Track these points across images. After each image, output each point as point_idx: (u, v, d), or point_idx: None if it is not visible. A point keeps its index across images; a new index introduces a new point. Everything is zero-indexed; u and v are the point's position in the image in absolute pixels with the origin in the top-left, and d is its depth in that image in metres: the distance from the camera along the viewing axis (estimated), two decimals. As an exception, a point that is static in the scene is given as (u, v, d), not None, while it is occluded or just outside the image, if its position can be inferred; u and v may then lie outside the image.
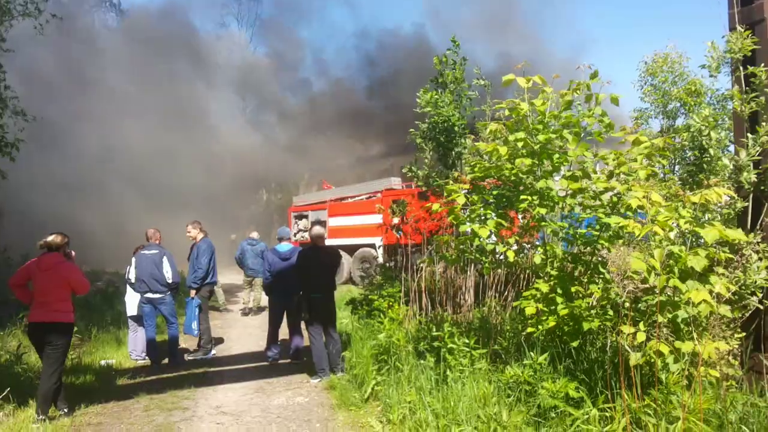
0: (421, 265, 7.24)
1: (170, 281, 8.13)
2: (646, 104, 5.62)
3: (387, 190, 17.98)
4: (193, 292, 8.86)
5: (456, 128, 8.10)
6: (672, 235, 3.51)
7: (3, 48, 9.51)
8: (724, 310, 3.49)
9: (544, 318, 4.46)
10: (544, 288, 4.56)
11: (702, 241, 3.64)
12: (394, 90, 31.54)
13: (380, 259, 16.09)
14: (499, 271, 6.84)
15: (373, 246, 17.40)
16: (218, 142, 33.23)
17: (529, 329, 4.62)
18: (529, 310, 4.51)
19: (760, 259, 3.84)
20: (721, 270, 3.74)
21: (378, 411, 5.51)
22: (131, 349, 8.85)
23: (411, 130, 9.02)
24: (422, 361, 5.55)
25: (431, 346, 5.61)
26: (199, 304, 8.85)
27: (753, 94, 4.09)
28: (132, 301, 8.71)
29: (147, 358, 8.46)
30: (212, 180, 32.80)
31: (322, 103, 36.97)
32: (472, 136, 7.95)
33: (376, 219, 16.58)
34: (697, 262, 3.32)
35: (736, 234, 3.41)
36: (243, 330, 11.28)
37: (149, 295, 8.08)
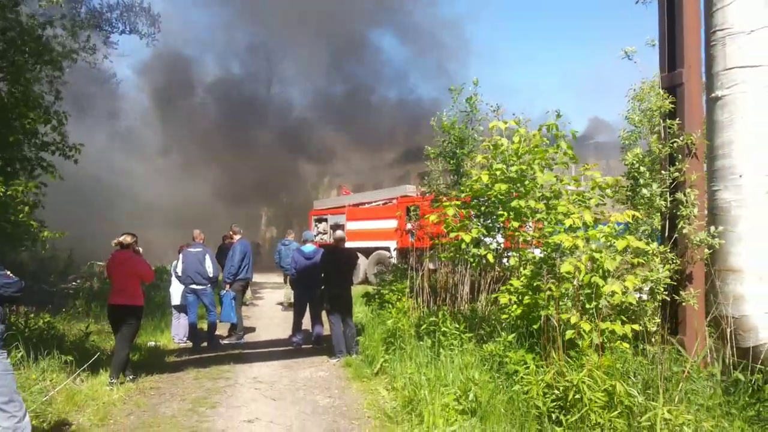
0: (425, 264, 8.56)
1: (211, 275, 9.51)
2: (632, 126, 6.60)
3: (402, 197, 19.14)
4: (227, 286, 10.23)
5: (463, 151, 9.39)
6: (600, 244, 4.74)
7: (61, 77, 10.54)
8: (632, 298, 4.70)
9: (515, 307, 5.72)
10: (516, 284, 5.82)
11: (629, 249, 4.88)
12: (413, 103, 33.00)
13: (394, 261, 17.32)
14: (492, 273, 8.10)
15: (387, 249, 18.60)
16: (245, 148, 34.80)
17: (503, 316, 5.90)
18: (503, 300, 5.77)
19: (662, 263, 5.05)
20: (638, 271, 4.96)
21: (385, 381, 6.81)
22: (174, 333, 10.26)
23: (427, 146, 10.30)
24: (421, 343, 6.83)
25: (429, 331, 6.89)
26: (234, 296, 10.24)
27: (671, 140, 5.33)
28: (176, 292, 10.13)
29: (188, 341, 9.86)
30: (237, 184, 34.47)
31: (342, 110, 38.39)
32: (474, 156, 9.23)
33: (392, 223, 17.93)
34: (610, 264, 4.55)
35: (639, 244, 4.65)
36: (269, 321, 12.64)
37: (193, 286, 9.45)
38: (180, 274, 9.57)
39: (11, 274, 3.92)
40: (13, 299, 4.03)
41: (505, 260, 7.39)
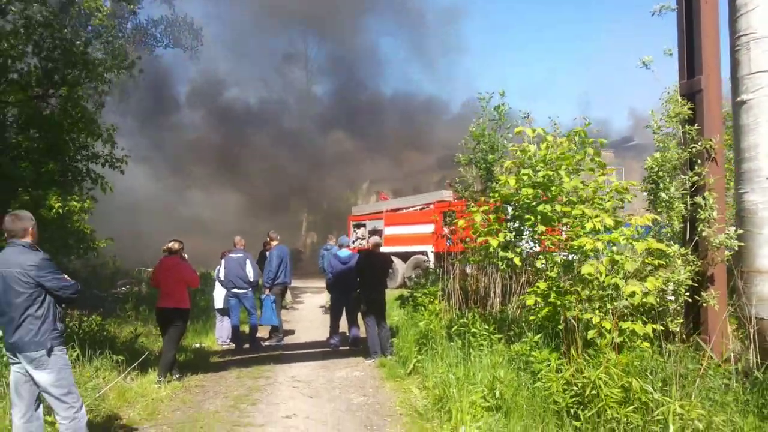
0: (457, 267, 8.78)
1: (252, 279, 9.93)
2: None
3: (439, 201, 19.30)
4: (267, 290, 10.64)
5: (493, 156, 9.60)
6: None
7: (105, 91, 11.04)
8: (651, 299, 4.83)
9: (541, 308, 5.89)
10: (543, 286, 5.99)
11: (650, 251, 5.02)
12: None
13: (431, 265, 17.52)
14: (523, 277, 8.27)
15: (424, 253, 18.82)
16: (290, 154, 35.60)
17: (531, 317, 6.08)
18: (529, 301, 5.95)
19: (683, 265, 5.15)
20: (660, 272, 5.09)
21: (417, 381, 7.05)
22: (218, 335, 10.72)
23: (457, 154, 10.53)
24: (452, 343, 7.05)
25: (459, 332, 7.11)
26: (274, 300, 10.64)
27: (690, 146, 5.44)
28: (219, 296, 10.59)
29: (231, 342, 10.30)
30: (278, 191, 35.28)
31: (382, 120, 38.87)
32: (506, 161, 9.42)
33: (429, 228, 18.14)
34: (630, 266, 4.70)
35: (660, 246, 4.78)
36: (309, 324, 13.01)
37: (235, 290, 9.88)
38: (222, 278, 10.01)
39: (68, 278, 4.33)
40: (71, 300, 4.44)
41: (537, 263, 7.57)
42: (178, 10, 34.66)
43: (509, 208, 7.13)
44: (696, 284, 5.35)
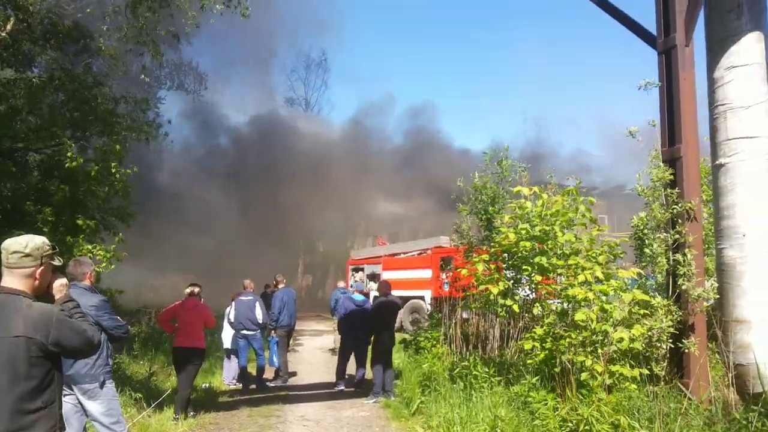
0: (458, 313, 9.30)
1: (260, 321, 10.38)
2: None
3: (436, 247, 19.82)
4: (272, 332, 11.08)
5: (494, 208, 10.21)
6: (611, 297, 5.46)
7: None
8: (638, 344, 5.34)
9: (539, 352, 6.40)
10: (540, 332, 6.50)
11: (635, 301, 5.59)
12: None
13: (429, 310, 17.92)
14: (520, 323, 8.77)
15: (422, 298, 19.22)
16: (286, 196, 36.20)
17: (528, 361, 6.58)
18: (527, 346, 6.47)
19: (666, 315, 5.70)
20: (646, 321, 5.62)
21: (422, 421, 7.46)
22: (225, 375, 11.09)
23: (459, 205, 11.14)
24: (454, 385, 7.50)
25: (461, 374, 7.57)
26: (277, 341, 11.09)
27: (671, 207, 6.08)
28: (227, 337, 11.00)
29: (238, 383, 10.67)
30: (273, 233, 35.75)
31: (378, 164, 39.71)
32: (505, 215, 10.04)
33: (426, 273, 18.64)
34: (618, 314, 5.25)
35: (644, 296, 5.34)
36: (310, 366, 13.37)
37: (244, 331, 10.32)
38: (233, 320, 10.45)
39: (120, 319, 4.84)
40: (121, 339, 4.93)
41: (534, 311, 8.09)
42: (185, 54, 35.73)
43: (506, 257, 7.72)
44: (678, 332, 5.90)
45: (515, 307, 6.93)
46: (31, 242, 2.77)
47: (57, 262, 2.90)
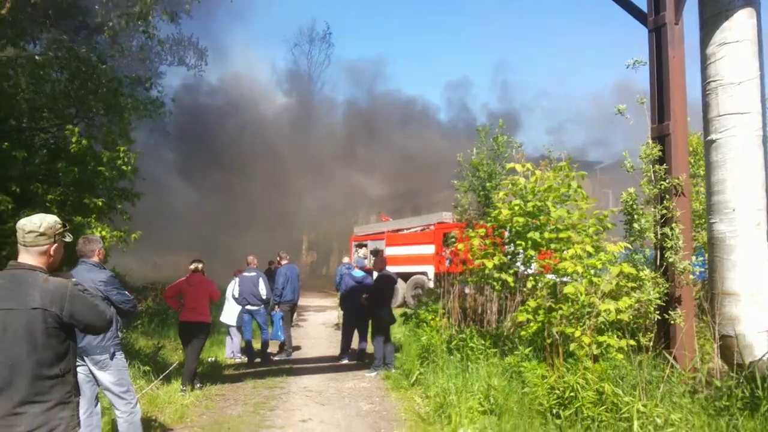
0: (456, 287, 9.53)
1: (264, 297, 10.62)
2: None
3: (439, 223, 20.02)
4: (276, 307, 11.33)
5: (491, 184, 10.39)
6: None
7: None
8: (624, 316, 5.55)
9: (532, 324, 6.62)
10: (533, 304, 6.71)
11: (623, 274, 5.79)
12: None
13: (431, 285, 18.18)
14: (517, 297, 9.00)
15: (425, 273, 19.48)
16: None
17: (522, 332, 6.81)
18: (521, 318, 6.69)
19: (653, 287, 5.89)
20: (634, 293, 5.83)
21: (420, 391, 7.73)
22: (228, 349, 11.38)
23: (455, 182, 11.32)
24: (452, 357, 7.75)
25: (458, 346, 7.81)
26: (282, 316, 11.35)
27: (659, 183, 6.24)
28: (229, 313, 11.24)
29: (242, 356, 10.96)
30: (277, 209, 36.00)
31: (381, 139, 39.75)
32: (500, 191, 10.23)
33: (429, 249, 18.85)
34: (606, 287, 5.45)
35: (631, 270, 5.54)
36: (314, 341, 13.68)
37: (249, 307, 10.58)
38: (237, 296, 10.71)
39: (128, 293, 5.06)
40: (130, 313, 5.16)
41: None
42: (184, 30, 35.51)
43: (506, 233, 7.91)
44: (665, 304, 6.10)
45: (510, 281, 7.14)
46: (45, 221, 2.97)
47: (68, 238, 3.10)
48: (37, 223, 2.94)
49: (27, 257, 2.92)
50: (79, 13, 12.47)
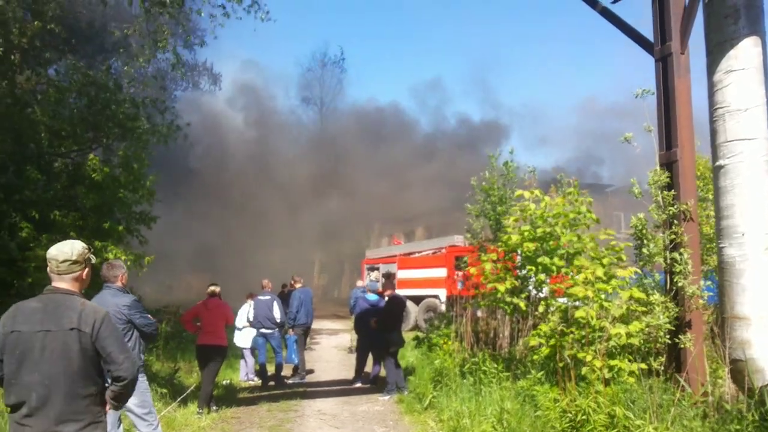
0: (469, 310, 9.63)
1: (278, 320, 10.76)
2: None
3: (451, 246, 20.10)
4: (290, 330, 11.46)
5: (502, 208, 10.53)
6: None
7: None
8: (635, 340, 5.63)
9: (543, 348, 6.70)
10: (545, 328, 6.80)
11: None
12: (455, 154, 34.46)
13: (443, 308, 18.20)
14: (529, 321, 9.08)
15: (437, 297, 19.50)
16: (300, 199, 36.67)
17: (534, 357, 6.89)
18: (533, 342, 6.78)
19: (663, 311, 5.96)
20: (644, 318, 5.91)
21: (433, 415, 7.79)
22: (243, 372, 11.50)
23: (467, 205, 11.47)
24: (464, 381, 7.83)
25: (471, 370, 7.89)
26: (296, 339, 11.47)
27: (668, 209, 6.36)
28: (242, 336, 11.36)
29: (256, 379, 11.07)
30: (290, 231, 36.23)
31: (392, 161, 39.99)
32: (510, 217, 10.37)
33: (441, 272, 18.91)
34: (616, 311, 5.55)
35: (641, 294, 5.64)
36: (326, 364, 13.75)
37: (263, 330, 10.71)
38: (251, 319, 10.85)
39: (151, 317, 5.23)
40: (152, 336, 5.33)
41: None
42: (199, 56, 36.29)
43: (518, 257, 8.04)
44: (675, 328, 6.17)
45: (522, 305, 7.26)
46: (75, 249, 3.15)
47: (93, 260, 3.29)
48: (68, 252, 3.12)
49: (62, 283, 3.10)
50: (96, 35, 12.79)
